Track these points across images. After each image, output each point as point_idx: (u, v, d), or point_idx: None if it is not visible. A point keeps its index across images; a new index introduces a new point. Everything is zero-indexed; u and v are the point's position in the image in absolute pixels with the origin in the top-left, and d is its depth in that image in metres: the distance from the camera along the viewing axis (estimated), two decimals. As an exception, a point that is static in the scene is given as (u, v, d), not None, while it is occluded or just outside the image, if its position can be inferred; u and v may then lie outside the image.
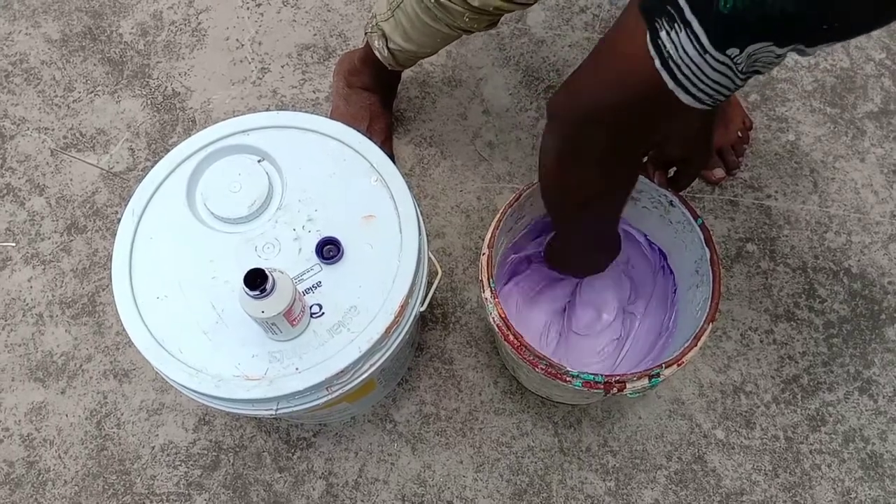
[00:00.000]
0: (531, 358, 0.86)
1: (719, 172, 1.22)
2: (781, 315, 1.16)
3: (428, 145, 1.28)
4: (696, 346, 0.86)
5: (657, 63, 0.57)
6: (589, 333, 1.10)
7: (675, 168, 0.97)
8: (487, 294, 0.89)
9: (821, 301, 1.16)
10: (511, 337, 0.87)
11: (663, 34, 0.56)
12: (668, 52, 0.56)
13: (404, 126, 1.29)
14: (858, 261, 1.19)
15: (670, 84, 0.58)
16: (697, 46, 0.54)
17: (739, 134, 1.22)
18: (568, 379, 0.84)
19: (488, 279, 0.90)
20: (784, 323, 1.15)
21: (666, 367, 0.85)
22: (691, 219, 0.94)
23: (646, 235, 1.05)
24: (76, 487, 1.10)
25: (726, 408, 1.11)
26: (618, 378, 0.84)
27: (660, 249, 1.04)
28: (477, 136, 1.28)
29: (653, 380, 0.84)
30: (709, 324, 0.87)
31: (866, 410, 1.11)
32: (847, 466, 1.08)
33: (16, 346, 1.18)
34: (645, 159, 0.98)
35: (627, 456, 1.09)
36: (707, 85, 0.57)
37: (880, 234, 1.20)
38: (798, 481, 1.07)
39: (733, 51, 0.54)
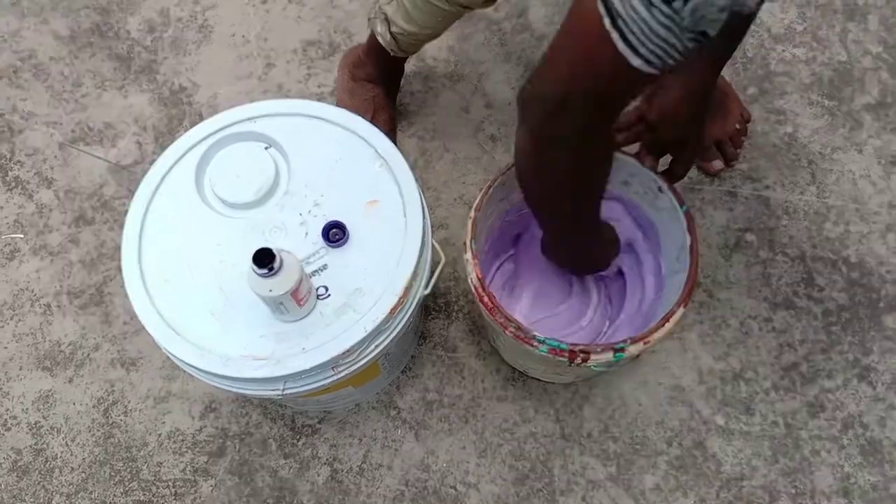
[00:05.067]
0: (502, 320, 0.87)
1: (718, 164, 1.23)
2: (780, 303, 1.17)
3: (431, 138, 1.30)
4: (663, 326, 0.86)
5: (607, 23, 0.58)
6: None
7: (670, 158, 0.98)
8: (468, 255, 0.91)
9: (819, 290, 1.18)
10: (485, 298, 0.89)
11: None
12: (616, 9, 0.57)
13: (408, 119, 1.31)
14: (857, 250, 1.20)
15: (620, 45, 0.59)
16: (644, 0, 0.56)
17: (737, 126, 1.23)
18: (535, 344, 0.86)
19: (471, 241, 0.91)
20: (783, 311, 1.17)
21: (631, 344, 0.85)
22: (677, 205, 0.94)
23: (639, 221, 1.06)
24: (83, 474, 1.12)
25: (726, 394, 1.12)
26: (582, 348, 0.85)
27: (650, 234, 1.05)
28: (479, 129, 1.30)
29: (617, 354, 0.85)
30: (679, 307, 0.87)
31: (865, 397, 1.12)
32: (846, 452, 1.09)
33: (24, 336, 1.19)
34: (637, 146, 1.00)
35: (628, 442, 1.10)
36: (655, 43, 0.58)
37: (878, 224, 1.21)
38: (798, 467, 1.08)
39: (678, 4, 0.55)
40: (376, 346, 0.87)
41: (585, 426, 1.11)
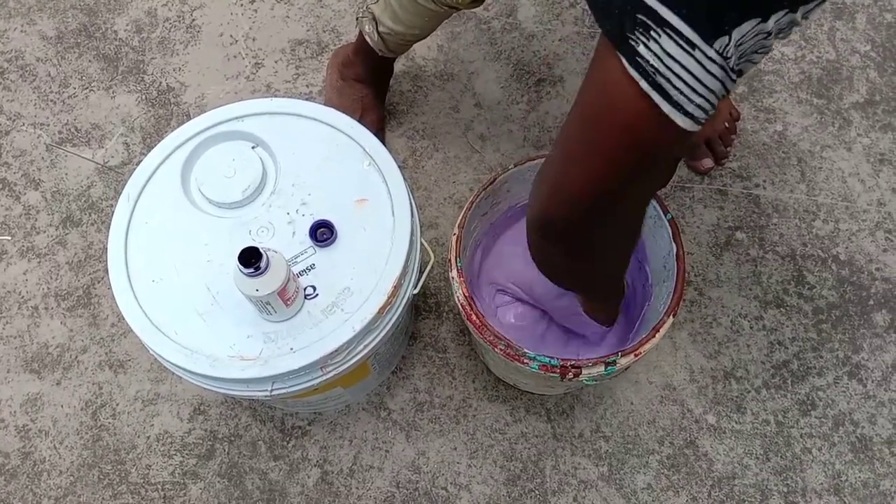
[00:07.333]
0: (491, 338, 0.87)
1: (708, 162, 1.23)
2: (771, 301, 1.17)
3: (420, 138, 1.29)
4: (654, 337, 0.86)
5: (644, 85, 0.49)
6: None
7: None
8: (454, 273, 0.91)
9: (810, 287, 1.18)
10: (473, 316, 0.88)
11: (641, 48, 0.48)
12: (652, 66, 0.49)
13: (397, 119, 1.30)
14: (846, 248, 1.20)
15: (665, 107, 0.50)
16: (684, 44, 0.48)
17: (727, 125, 1.23)
18: (525, 361, 0.85)
19: (456, 258, 0.91)
20: (774, 309, 1.16)
21: (622, 356, 0.85)
22: (661, 213, 0.94)
23: None
24: (71, 478, 1.11)
25: (717, 393, 1.12)
26: (573, 363, 0.85)
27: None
28: (469, 128, 1.30)
29: (608, 367, 0.85)
30: (669, 316, 0.88)
31: (855, 395, 1.12)
32: (837, 450, 1.09)
33: (11, 339, 1.18)
34: None
35: (620, 441, 1.10)
36: (701, 95, 0.50)
37: (867, 222, 1.21)
38: (789, 465, 1.08)
39: (722, 41, 0.48)
40: (365, 346, 0.86)
41: (577, 426, 1.11)
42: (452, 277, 0.91)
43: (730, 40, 0.48)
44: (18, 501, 1.09)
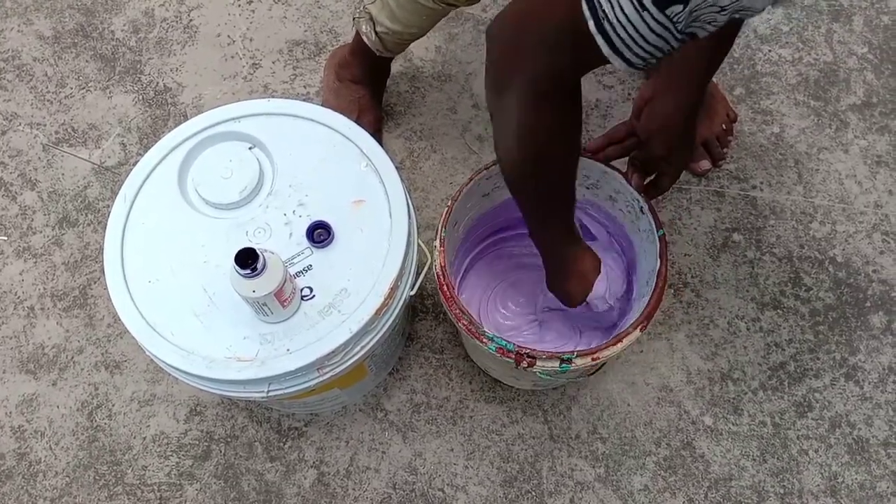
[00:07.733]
0: (457, 311, 0.87)
1: (705, 164, 1.23)
2: (768, 303, 1.17)
3: (418, 139, 1.29)
4: (615, 345, 0.86)
5: (591, 26, 0.55)
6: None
7: (655, 172, 0.97)
8: (437, 243, 0.91)
9: (806, 289, 1.18)
10: (445, 287, 0.89)
11: None
12: (603, 11, 0.53)
13: (395, 120, 1.30)
14: (843, 250, 1.20)
15: (605, 50, 0.55)
16: (636, 4, 0.52)
17: (724, 126, 1.23)
18: (484, 340, 0.86)
19: (441, 228, 0.91)
20: (770, 311, 1.17)
21: (578, 356, 0.85)
22: (654, 229, 0.93)
23: (620, 240, 1.06)
24: (67, 479, 1.10)
25: (714, 395, 1.12)
26: (529, 352, 0.85)
27: (629, 254, 1.05)
28: (466, 129, 1.30)
29: (563, 364, 0.85)
30: (634, 329, 0.87)
31: (852, 396, 1.12)
32: (834, 451, 1.09)
33: (7, 339, 1.18)
34: (627, 161, 0.98)
35: (617, 443, 1.10)
36: (643, 48, 0.55)
37: (864, 224, 1.22)
38: (786, 466, 1.08)
39: (675, 9, 0.51)
40: (362, 348, 0.86)
41: (573, 427, 1.11)
42: (434, 246, 0.91)
43: (684, 8, 0.51)
44: (14, 503, 1.09)
